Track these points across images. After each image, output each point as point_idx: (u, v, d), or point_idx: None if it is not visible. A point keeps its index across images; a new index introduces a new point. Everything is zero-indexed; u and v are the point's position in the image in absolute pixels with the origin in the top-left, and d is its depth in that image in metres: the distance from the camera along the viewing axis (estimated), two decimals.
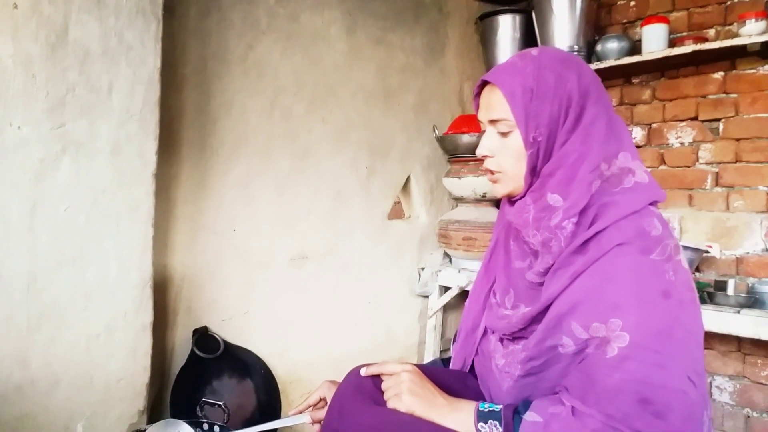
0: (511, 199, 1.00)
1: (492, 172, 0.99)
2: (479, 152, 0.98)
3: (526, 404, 0.91)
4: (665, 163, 2.35)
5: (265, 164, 2.11)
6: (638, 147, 2.43)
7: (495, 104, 0.94)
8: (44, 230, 1.48)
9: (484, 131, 0.99)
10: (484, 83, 0.99)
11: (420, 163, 2.60)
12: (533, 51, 0.97)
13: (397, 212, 2.57)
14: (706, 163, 2.24)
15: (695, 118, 2.26)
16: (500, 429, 0.89)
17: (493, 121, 0.96)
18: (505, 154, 0.95)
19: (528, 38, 2.59)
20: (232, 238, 2.04)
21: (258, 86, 2.07)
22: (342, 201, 2.33)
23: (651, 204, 0.92)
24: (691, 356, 0.83)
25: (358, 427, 0.94)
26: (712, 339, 2.15)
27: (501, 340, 1.02)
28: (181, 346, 1.91)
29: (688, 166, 2.28)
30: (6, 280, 1.42)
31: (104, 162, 1.57)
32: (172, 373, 1.88)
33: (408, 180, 2.58)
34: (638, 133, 2.43)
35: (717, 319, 1.76)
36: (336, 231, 2.32)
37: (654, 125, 2.39)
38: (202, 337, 1.91)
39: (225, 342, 1.95)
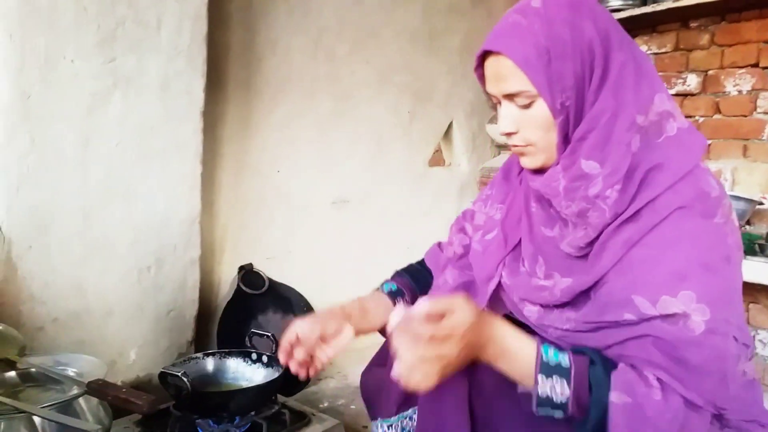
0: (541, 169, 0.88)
1: (520, 147, 0.87)
2: (501, 130, 0.86)
3: (603, 362, 0.77)
4: (720, 112, 2.25)
5: (308, 105, 2.09)
6: (691, 95, 2.34)
7: (507, 76, 0.82)
8: (96, 164, 1.51)
9: (497, 104, 0.87)
10: (486, 53, 0.84)
11: (463, 109, 2.55)
12: (533, 2, 0.82)
13: (437, 159, 2.55)
14: (764, 113, 2.14)
15: (756, 65, 2.15)
16: (566, 390, 0.75)
17: (509, 96, 0.83)
18: (530, 126, 0.83)
19: None
20: (275, 178, 2.05)
21: (302, 25, 2.04)
22: (382, 146, 2.32)
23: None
24: (741, 317, 0.82)
25: None
26: (759, 293, 2.11)
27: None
28: (227, 281, 1.97)
29: (745, 116, 2.18)
30: (63, 210, 1.46)
31: (153, 98, 1.58)
32: (218, 307, 1.94)
33: (450, 126, 2.54)
34: (693, 81, 2.33)
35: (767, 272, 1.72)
36: (375, 176, 2.31)
37: (711, 72, 2.28)
38: (248, 273, 1.96)
39: (269, 279, 2.00)
